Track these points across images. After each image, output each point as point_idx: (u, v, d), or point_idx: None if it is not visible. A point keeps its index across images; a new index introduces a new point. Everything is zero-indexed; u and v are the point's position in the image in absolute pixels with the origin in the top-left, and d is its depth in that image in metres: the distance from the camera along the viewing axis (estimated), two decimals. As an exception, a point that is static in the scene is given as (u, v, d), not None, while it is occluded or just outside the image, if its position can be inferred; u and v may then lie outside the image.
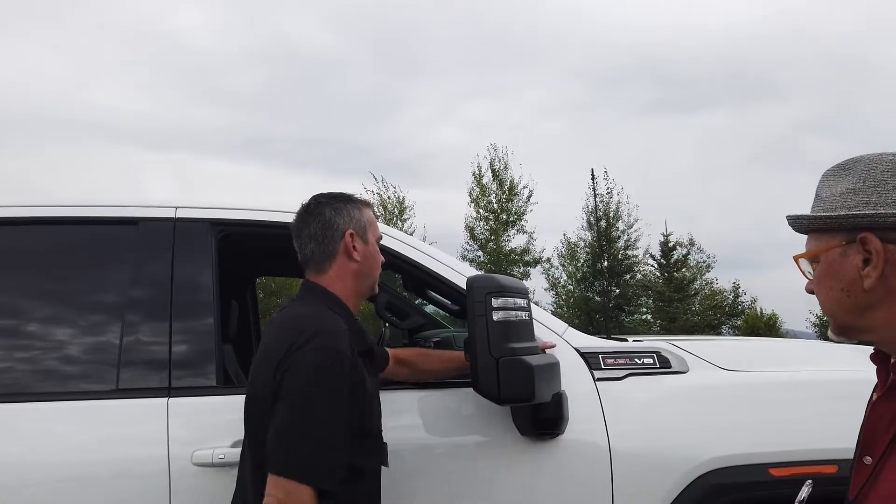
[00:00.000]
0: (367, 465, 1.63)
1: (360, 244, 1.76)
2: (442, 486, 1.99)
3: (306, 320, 1.59)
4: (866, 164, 1.05)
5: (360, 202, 1.83)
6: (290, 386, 1.49)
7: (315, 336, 1.53)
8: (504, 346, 1.82)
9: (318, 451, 1.47)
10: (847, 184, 1.06)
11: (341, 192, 1.83)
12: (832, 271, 1.06)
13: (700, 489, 2.01)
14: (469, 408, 2.07)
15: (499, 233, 24.28)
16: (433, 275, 2.24)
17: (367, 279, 1.79)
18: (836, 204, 1.06)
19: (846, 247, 1.04)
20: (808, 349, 2.61)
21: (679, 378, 2.17)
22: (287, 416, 1.48)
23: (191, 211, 2.20)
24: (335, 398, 1.50)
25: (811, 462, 2.05)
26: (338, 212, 1.76)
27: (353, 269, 1.74)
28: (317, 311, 1.65)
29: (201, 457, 1.89)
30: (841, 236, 1.05)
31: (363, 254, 1.76)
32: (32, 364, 2.01)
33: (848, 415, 2.10)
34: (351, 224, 1.75)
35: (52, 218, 2.16)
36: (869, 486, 1.03)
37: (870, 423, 1.07)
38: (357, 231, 1.76)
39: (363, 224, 1.78)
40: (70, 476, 1.87)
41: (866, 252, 1.01)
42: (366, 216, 1.80)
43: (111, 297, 2.10)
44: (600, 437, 2.04)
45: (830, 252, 1.06)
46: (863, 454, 1.07)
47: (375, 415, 1.69)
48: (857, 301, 1.05)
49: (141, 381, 1.98)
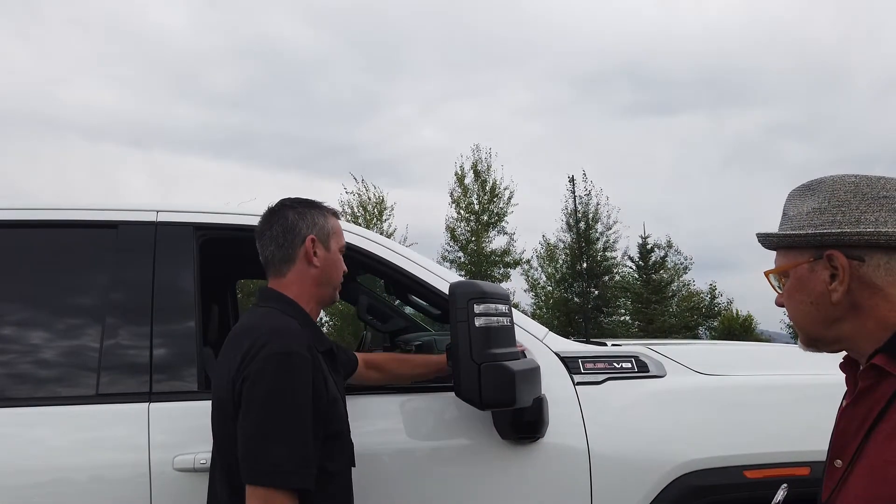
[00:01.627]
0: (333, 467, 1.62)
1: (322, 250, 1.74)
2: (422, 490, 2.01)
3: (259, 327, 1.59)
4: (830, 185, 1.11)
5: (327, 210, 1.82)
6: (250, 394, 1.49)
7: (268, 341, 1.53)
8: (486, 351, 1.84)
9: (288, 454, 1.46)
10: (813, 203, 1.11)
11: (309, 199, 1.82)
12: (801, 286, 1.12)
13: (677, 491, 2.05)
14: (450, 411, 2.08)
15: (479, 234, 24.31)
16: (414, 279, 2.26)
17: (326, 286, 1.77)
18: (803, 222, 1.12)
19: (814, 263, 1.10)
20: (782, 353, 2.66)
21: (657, 382, 2.20)
22: (252, 424, 1.48)
23: (172, 215, 2.19)
24: (297, 398, 1.50)
25: (784, 464, 2.09)
26: (301, 216, 1.75)
27: (312, 275, 1.73)
28: (270, 317, 1.64)
29: (183, 462, 1.88)
30: (809, 253, 1.11)
31: (323, 260, 1.74)
32: (11, 369, 1.99)
33: (820, 418, 2.15)
34: (313, 230, 1.74)
35: (31, 221, 2.14)
36: (839, 488, 1.06)
37: (840, 428, 1.11)
38: (319, 237, 1.74)
39: (326, 231, 1.77)
40: (49, 482, 1.86)
41: (833, 268, 1.07)
42: (330, 224, 1.79)
43: (91, 302, 2.09)
44: (580, 440, 2.06)
45: (799, 268, 1.12)
46: (833, 458, 1.10)
47: (339, 416, 1.68)
48: (825, 314, 1.10)
49: (122, 386, 1.97)
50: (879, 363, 1.04)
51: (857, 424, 1.06)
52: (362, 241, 2.25)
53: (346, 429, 1.71)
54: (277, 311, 1.67)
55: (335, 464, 1.63)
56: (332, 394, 1.63)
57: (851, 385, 1.14)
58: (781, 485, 1.35)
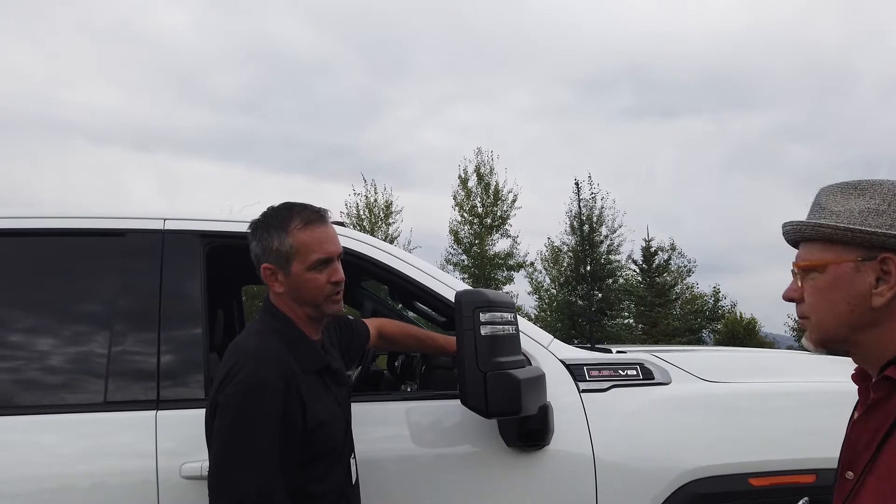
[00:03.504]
0: (319, 489, 1.63)
1: (282, 276, 1.69)
2: (427, 497, 2.01)
3: (241, 351, 1.61)
4: (890, 189, 1.07)
5: (299, 221, 1.69)
6: (219, 422, 1.55)
7: (243, 367, 1.56)
8: (491, 360, 1.85)
9: (247, 479, 1.50)
10: (866, 203, 1.07)
11: (283, 208, 1.74)
12: (839, 284, 1.07)
13: (682, 498, 2.05)
14: (455, 419, 2.09)
15: (483, 237, 24.30)
16: (419, 286, 2.26)
17: (305, 305, 1.71)
18: (855, 220, 1.06)
19: (861, 263, 1.05)
20: (787, 360, 2.66)
21: (662, 389, 2.21)
22: (217, 450, 1.55)
23: (179, 223, 2.20)
24: (260, 427, 1.53)
25: (790, 472, 2.10)
26: (259, 241, 1.71)
27: (283, 293, 1.71)
28: (257, 336, 1.66)
29: (190, 469, 1.89)
30: (857, 252, 1.05)
31: (286, 284, 1.69)
32: (19, 376, 2.00)
33: (826, 425, 2.16)
34: (268, 257, 1.69)
35: (39, 230, 2.15)
36: (850, 500, 1.06)
37: (851, 440, 1.10)
38: (277, 263, 1.68)
39: (284, 253, 1.67)
40: (56, 489, 1.87)
41: (883, 272, 1.04)
42: (291, 242, 1.67)
43: (99, 309, 2.10)
44: (585, 447, 2.07)
45: (843, 265, 1.06)
46: (844, 469, 1.10)
47: (328, 437, 1.66)
48: (859, 317, 1.06)
49: (129, 393, 1.98)
50: (893, 375, 1.03)
51: (868, 436, 1.06)
52: (366, 248, 2.26)
53: (337, 446, 1.69)
54: (269, 328, 1.69)
55: (323, 485, 1.64)
56: (316, 417, 1.62)
57: (864, 397, 1.13)
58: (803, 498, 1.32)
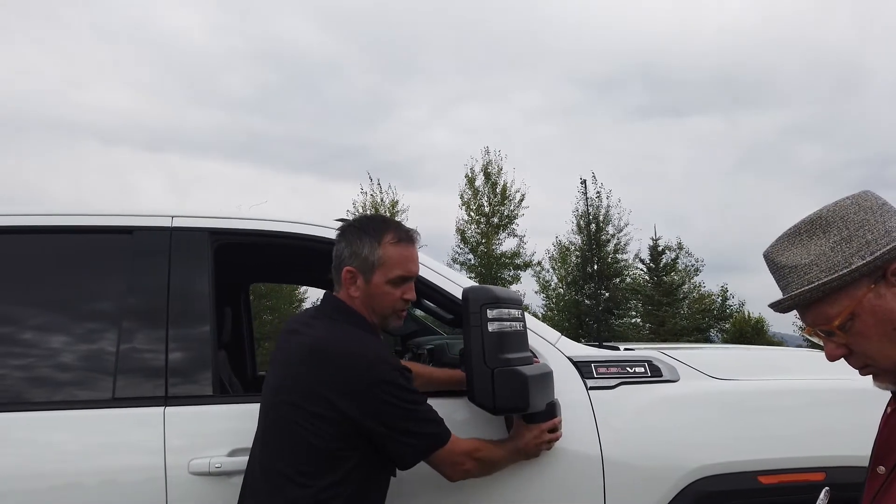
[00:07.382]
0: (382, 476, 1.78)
1: (361, 282, 1.77)
2: (434, 495, 2.01)
3: (356, 350, 1.68)
4: (834, 214, 1.05)
5: (391, 237, 1.78)
6: (390, 415, 1.67)
7: (375, 365, 1.66)
8: (499, 356, 1.85)
9: (438, 423, 1.76)
10: (826, 240, 1.05)
11: (380, 220, 1.83)
12: (878, 315, 1.03)
13: (690, 496, 2.04)
14: (462, 415, 2.08)
15: (490, 236, 24.29)
16: (426, 283, 2.26)
17: (371, 312, 1.80)
18: (833, 261, 1.04)
19: (877, 287, 1.03)
20: (796, 358, 2.64)
21: (670, 387, 2.20)
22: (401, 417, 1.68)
23: (187, 220, 2.21)
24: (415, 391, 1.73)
25: (799, 469, 2.08)
26: (350, 245, 1.78)
27: (357, 298, 1.79)
28: (354, 335, 1.73)
29: (198, 466, 1.90)
30: (863, 282, 1.03)
31: (362, 290, 1.78)
32: (28, 373, 2.01)
33: (835, 422, 2.16)
34: (354, 261, 1.77)
35: (47, 227, 2.16)
36: (881, 494, 1.06)
37: (884, 435, 1.10)
38: (360, 269, 1.77)
39: (371, 263, 1.76)
40: (65, 486, 1.87)
41: None
42: (380, 254, 1.76)
43: (107, 306, 2.11)
44: (593, 445, 2.06)
45: (865, 300, 1.03)
46: (876, 464, 1.09)
47: None
48: None
49: (138, 390, 1.99)
50: None
51: None
52: None
53: None
54: (350, 325, 1.75)
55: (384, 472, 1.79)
56: None
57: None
58: (824, 488, 1.31)
